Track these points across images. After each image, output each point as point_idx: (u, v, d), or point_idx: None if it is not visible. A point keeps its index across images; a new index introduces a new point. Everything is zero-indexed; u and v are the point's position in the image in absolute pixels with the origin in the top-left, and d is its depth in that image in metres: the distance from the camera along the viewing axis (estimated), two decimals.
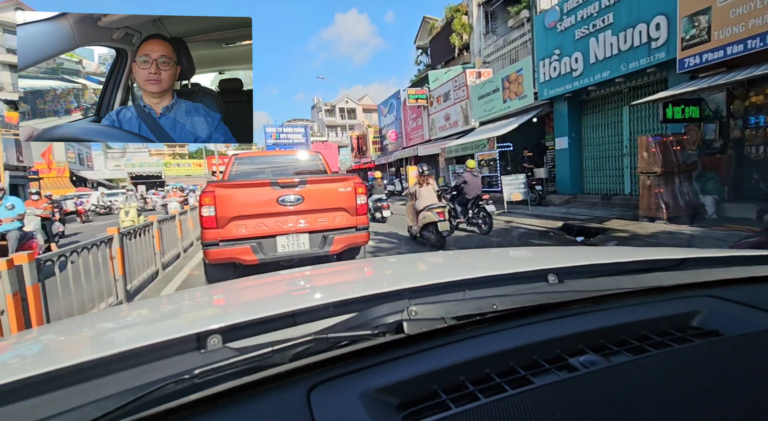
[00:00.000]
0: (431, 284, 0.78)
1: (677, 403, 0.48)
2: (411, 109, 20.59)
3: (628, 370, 0.56)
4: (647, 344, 0.66)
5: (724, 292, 0.83)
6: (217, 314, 0.97)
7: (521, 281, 0.81)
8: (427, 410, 0.52)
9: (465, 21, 17.89)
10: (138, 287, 4.68)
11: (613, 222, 7.29)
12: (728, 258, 0.97)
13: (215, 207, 3.69)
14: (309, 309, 0.69)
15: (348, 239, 4.05)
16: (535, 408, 0.48)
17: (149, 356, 0.56)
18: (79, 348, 0.80)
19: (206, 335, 0.60)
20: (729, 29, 6.41)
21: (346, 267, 1.72)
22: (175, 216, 7.26)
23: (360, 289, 0.87)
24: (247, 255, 3.75)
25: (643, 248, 3.82)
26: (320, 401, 0.54)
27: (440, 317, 0.68)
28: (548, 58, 10.73)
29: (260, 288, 1.20)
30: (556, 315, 0.76)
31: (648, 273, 0.88)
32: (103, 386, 0.52)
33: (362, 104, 49.12)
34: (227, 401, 0.54)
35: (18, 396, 0.49)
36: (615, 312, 0.77)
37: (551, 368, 0.61)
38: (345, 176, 4.18)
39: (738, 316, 0.74)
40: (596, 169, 10.77)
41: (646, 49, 8.10)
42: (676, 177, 7.08)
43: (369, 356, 0.64)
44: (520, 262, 1.23)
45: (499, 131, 12.19)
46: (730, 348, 0.62)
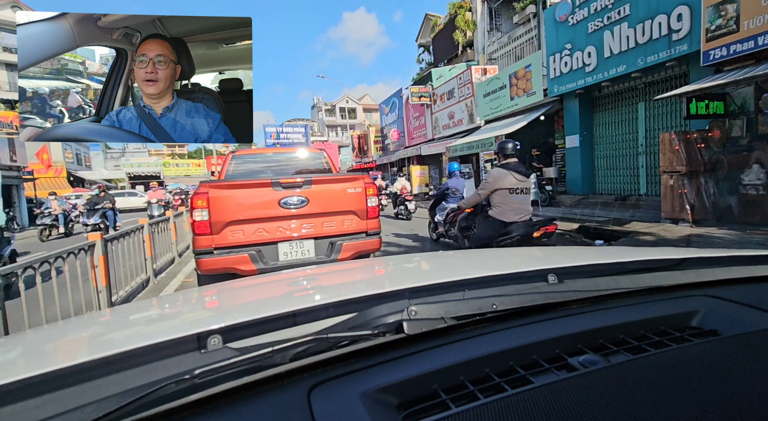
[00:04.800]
0: (431, 284, 0.78)
1: (676, 402, 0.48)
2: (413, 107, 20.19)
3: (627, 370, 0.56)
4: (646, 344, 0.67)
5: (722, 292, 0.84)
6: (218, 314, 0.96)
7: (521, 281, 0.81)
8: (427, 409, 0.53)
9: (469, 18, 17.49)
10: (125, 299, 4.25)
11: (634, 224, 6.88)
12: (727, 258, 0.97)
13: (209, 210, 3.27)
14: (309, 309, 0.69)
15: (358, 246, 3.63)
16: (534, 408, 0.48)
17: (150, 357, 0.56)
18: (79, 348, 0.79)
19: (206, 335, 0.60)
20: (760, 18, 6.01)
21: (346, 267, 1.71)
22: (169, 218, 6.84)
23: (360, 289, 0.87)
24: (244, 265, 3.33)
25: (642, 248, 3.59)
26: (320, 401, 0.54)
27: (440, 317, 0.68)
28: (559, 53, 10.32)
29: (260, 288, 1.20)
30: (556, 315, 0.77)
31: (647, 273, 0.88)
32: (104, 386, 0.52)
33: (363, 104, 48.73)
34: (227, 401, 0.54)
35: (18, 396, 0.49)
36: (614, 312, 0.78)
37: (551, 368, 0.61)
38: (354, 176, 3.76)
39: (736, 316, 0.74)
40: (609, 169, 10.36)
41: (666, 42, 7.69)
42: (701, 176, 6.68)
43: (369, 356, 0.64)
44: (520, 262, 1.23)
45: (506, 129, 11.77)
46: (728, 348, 0.62)
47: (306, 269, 1.57)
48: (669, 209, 6.81)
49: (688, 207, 6.50)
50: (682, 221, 6.56)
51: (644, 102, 9.29)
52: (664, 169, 6.83)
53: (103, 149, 41.44)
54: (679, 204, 6.62)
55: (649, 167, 9.30)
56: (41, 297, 2.83)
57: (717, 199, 6.71)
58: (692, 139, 6.70)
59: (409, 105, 20.55)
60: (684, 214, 6.54)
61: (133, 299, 4.46)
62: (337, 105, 48.86)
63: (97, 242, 3.68)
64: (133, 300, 4.41)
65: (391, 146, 24.43)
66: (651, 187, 9.27)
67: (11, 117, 17.74)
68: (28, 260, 2.72)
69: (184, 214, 8.37)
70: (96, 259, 3.63)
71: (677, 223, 6.61)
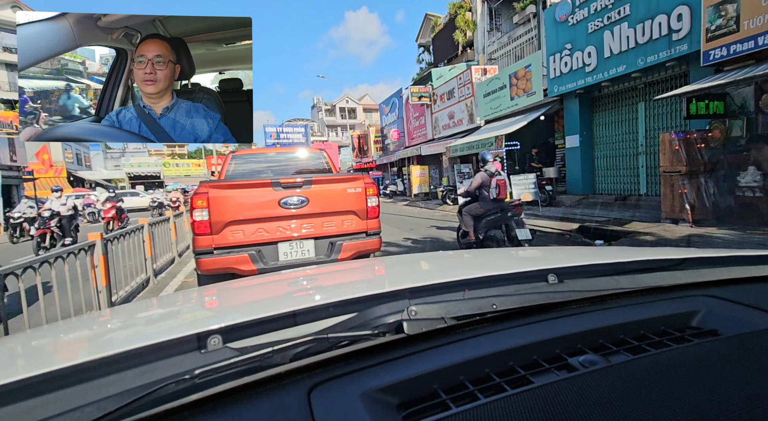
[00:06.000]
0: (431, 284, 0.78)
1: (676, 402, 0.48)
2: (414, 107, 20.19)
3: (627, 370, 0.56)
4: (646, 344, 0.67)
5: (722, 292, 0.83)
6: (218, 314, 0.96)
7: (521, 281, 0.81)
8: (427, 409, 0.53)
9: (469, 18, 17.49)
10: (125, 299, 4.25)
11: (634, 224, 6.88)
12: (727, 258, 0.97)
13: (209, 210, 3.27)
14: (309, 309, 0.69)
15: (358, 246, 3.63)
16: (534, 408, 0.48)
17: (150, 357, 0.56)
18: (79, 348, 0.79)
19: (206, 335, 0.59)
20: (760, 18, 6.01)
21: (346, 267, 1.71)
22: (169, 218, 6.84)
23: (360, 289, 0.87)
24: (244, 265, 3.33)
25: (642, 248, 3.61)
26: (320, 401, 0.54)
27: (440, 317, 0.68)
28: (559, 53, 10.32)
29: (260, 288, 1.20)
30: (556, 315, 0.76)
31: (647, 273, 0.88)
32: (104, 386, 0.52)
33: (363, 104, 48.72)
34: (228, 401, 0.54)
35: (18, 396, 0.49)
36: (614, 312, 0.78)
37: (551, 368, 0.61)
38: (354, 176, 3.76)
39: (736, 316, 0.74)
40: (609, 169, 10.35)
41: (666, 42, 7.69)
42: (701, 176, 6.67)
43: (369, 356, 0.64)
44: (520, 262, 1.22)
45: (506, 129, 11.76)
46: (728, 348, 0.62)
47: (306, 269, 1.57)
48: (669, 209, 6.81)
49: (688, 207, 6.49)
50: (682, 221, 6.55)
51: (644, 102, 9.28)
52: (664, 169, 6.83)
53: (103, 149, 41.40)
54: (679, 204, 6.62)
55: (649, 167, 9.30)
56: (41, 297, 2.83)
57: (717, 199, 6.71)
58: (692, 140, 6.69)
59: (409, 105, 20.54)
60: (684, 214, 6.53)
61: (133, 299, 4.46)
62: (337, 105, 48.84)
63: (97, 242, 3.68)
64: (133, 300, 4.41)
65: (391, 146, 24.42)
66: (651, 188, 9.27)
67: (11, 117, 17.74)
68: (29, 260, 2.72)
69: (184, 214, 8.37)
70: (96, 259, 3.63)
71: (677, 223, 6.61)
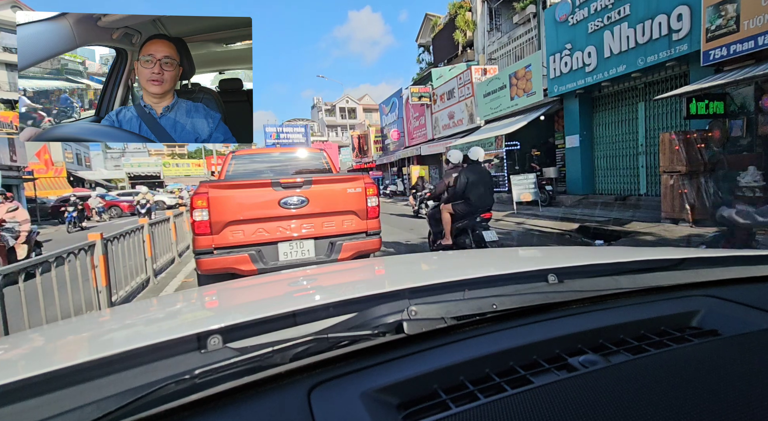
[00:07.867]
0: (431, 284, 0.78)
1: (676, 402, 0.48)
2: (413, 107, 20.19)
3: (627, 370, 0.56)
4: (646, 344, 0.67)
5: (722, 292, 0.83)
6: (218, 314, 0.96)
7: (521, 281, 0.81)
8: (427, 410, 0.53)
9: (469, 18, 17.49)
10: (125, 299, 4.25)
11: (634, 224, 6.88)
12: (726, 258, 0.97)
13: (209, 210, 3.27)
14: (309, 309, 0.69)
15: (358, 246, 3.63)
16: (534, 408, 0.48)
17: (150, 357, 0.56)
18: (79, 348, 0.78)
19: (206, 335, 0.59)
20: (760, 18, 6.01)
21: (346, 267, 1.71)
22: (169, 218, 6.84)
23: (360, 289, 0.87)
24: (244, 265, 3.33)
25: (642, 248, 3.62)
26: (320, 401, 0.54)
27: (440, 317, 0.68)
28: (559, 53, 10.32)
29: (260, 288, 1.20)
30: (556, 315, 0.76)
31: (647, 273, 0.88)
32: (104, 386, 0.52)
33: (363, 104, 48.70)
34: (228, 401, 0.54)
35: (18, 396, 0.49)
36: (614, 312, 0.77)
37: (551, 368, 0.61)
38: (354, 176, 3.76)
39: (736, 316, 0.74)
40: (609, 169, 10.36)
41: (666, 42, 7.69)
42: (701, 176, 6.67)
43: (369, 356, 0.64)
44: (520, 262, 1.22)
45: (506, 129, 11.77)
46: (728, 348, 0.62)
47: (306, 269, 1.57)
48: (669, 209, 6.81)
49: (688, 207, 6.49)
50: (682, 221, 6.55)
51: (644, 102, 9.28)
52: (664, 169, 6.83)
53: (103, 149, 41.39)
54: (679, 204, 6.62)
55: (649, 167, 9.30)
56: (41, 297, 2.83)
57: (717, 199, 6.71)
58: (692, 139, 6.69)
59: (409, 105, 20.55)
60: (684, 214, 6.53)
61: (133, 299, 4.46)
62: (337, 105, 48.82)
63: (97, 242, 3.68)
64: (133, 300, 4.41)
65: (391, 146, 24.42)
66: (651, 188, 9.27)
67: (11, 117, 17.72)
68: (28, 260, 2.72)
69: (184, 214, 8.37)
70: (96, 259, 3.64)
71: (677, 223, 6.61)
